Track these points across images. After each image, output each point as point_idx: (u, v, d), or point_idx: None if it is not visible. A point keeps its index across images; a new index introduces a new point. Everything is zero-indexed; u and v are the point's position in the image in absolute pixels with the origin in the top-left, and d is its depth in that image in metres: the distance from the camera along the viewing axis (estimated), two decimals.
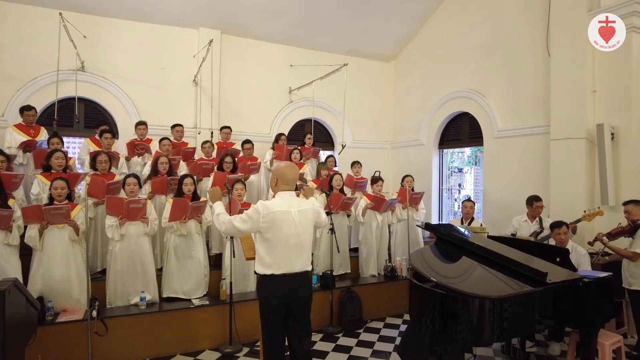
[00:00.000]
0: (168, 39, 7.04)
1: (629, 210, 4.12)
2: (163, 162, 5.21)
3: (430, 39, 8.11)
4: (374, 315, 5.32)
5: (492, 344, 4.03)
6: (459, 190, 8.50)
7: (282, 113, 8.02)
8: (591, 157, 5.23)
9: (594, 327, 3.39)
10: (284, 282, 2.84)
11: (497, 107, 6.67)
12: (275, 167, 3.07)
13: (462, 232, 4.31)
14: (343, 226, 5.71)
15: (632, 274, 4.02)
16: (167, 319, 4.22)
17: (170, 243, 4.68)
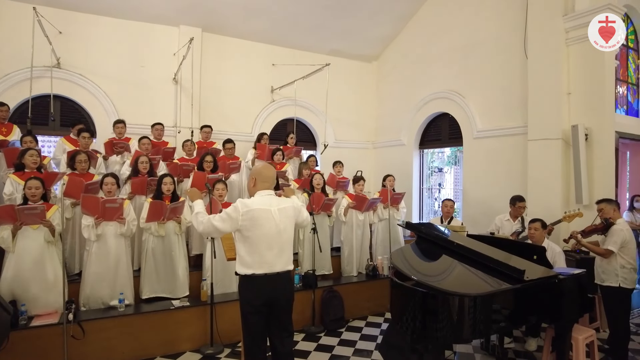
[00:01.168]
0: (148, 36, 6.91)
1: (601, 209, 4.24)
2: (143, 162, 5.12)
3: (411, 40, 8.19)
4: (355, 314, 5.35)
5: (471, 340, 4.10)
6: (439, 189, 8.62)
7: (264, 112, 7.98)
8: (566, 157, 5.37)
9: (569, 323, 3.48)
10: (266, 282, 2.83)
11: (476, 108, 6.78)
12: (253, 169, 3.06)
13: (442, 231, 4.37)
14: (324, 226, 5.72)
15: (604, 271, 4.15)
16: (147, 321, 4.14)
17: (149, 244, 4.61)
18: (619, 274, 4.03)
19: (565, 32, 5.40)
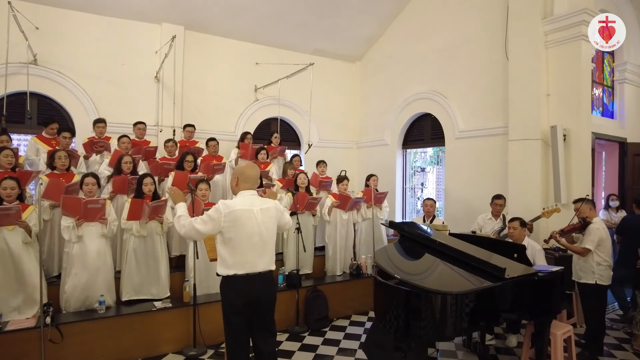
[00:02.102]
0: (129, 33, 6.79)
1: (578, 208, 4.35)
2: (127, 162, 5.04)
3: (394, 40, 8.25)
4: (339, 314, 5.36)
5: (454, 338, 4.16)
6: (421, 189, 8.70)
7: (248, 111, 7.93)
8: (546, 157, 5.48)
9: (548, 319, 3.56)
10: (247, 282, 2.81)
11: (458, 108, 6.87)
12: (236, 167, 3.04)
13: (425, 230, 4.41)
14: (308, 226, 5.72)
15: (581, 268, 4.26)
16: (128, 323, 4.07)
17: (130, 244, 4.53)
18: (595, 271, 4.14)
19: (544, 34, 5.51)
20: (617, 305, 5.78)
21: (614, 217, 6.64)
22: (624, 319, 5.27)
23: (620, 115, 7.36)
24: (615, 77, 7.44)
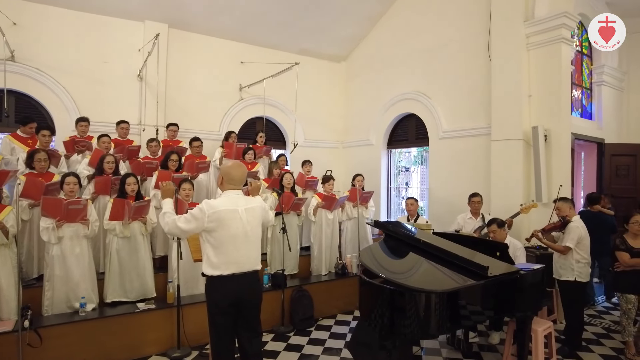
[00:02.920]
0: (111, 31, 6.67)
1: (559, 207, 4.45)
2: (109, 162, 4.94)
3: (379, 41, 8.29)
4: (325, 313, 5.37)
5: (438, 336, 4.20)
6: (406, 188, 8.77)
7: (232, 110, 7.87)
8: (527, 157, 5.58)
9: (529, 316, 3.63)
10: (233, 282, 2.80)
11: (442, 109, 6.95)
12: (222, 166, 3.02)
13: (409, 229, 4.45)
14: (293, 226, 5.71)
15: (561, 266, 4.36)
16: (110, 325, 4.00)
17: (113, 245, 4.45)
18: (574, 269, 4.25)
19: (526, 37, 5.61)
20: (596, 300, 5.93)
21: None
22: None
23: (598, 116, 7.55)
24: (593, 79, 7.63)
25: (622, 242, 4.20)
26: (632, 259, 4.06)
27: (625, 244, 4.17)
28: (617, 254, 4.18)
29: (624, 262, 4.10)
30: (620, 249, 4.17)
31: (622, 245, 4.17)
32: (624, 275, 4.13)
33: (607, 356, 4.26)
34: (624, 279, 4.13)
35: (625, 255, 4.11)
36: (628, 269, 4.09)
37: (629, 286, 4.10)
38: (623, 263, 4.11)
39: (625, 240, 4.19)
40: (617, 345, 4.53)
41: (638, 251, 4.09)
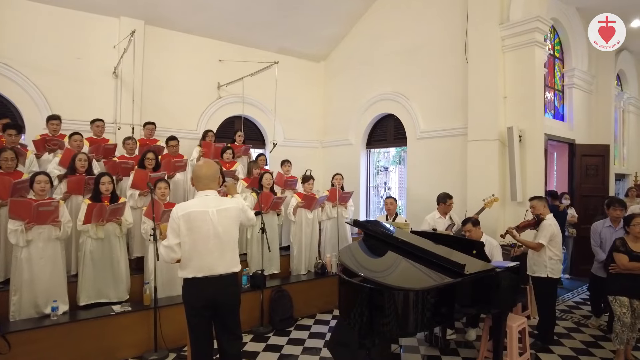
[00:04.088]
0: (85, 26, 6.48)
1: (533, 205, 4.56)
2: (81, 160, 4.79)
3: (358, 41, 8.34)
4: (304, 313, 5.36)
5: (416, 333, 4.26)
6: (385, 188, 8.86)
7: (210, 109, 7.78)
8: (503, 157, 5.71)
9: (505, 312, 3.71)
10: (207, 284, 2.77)
11: (419, 109, 7.04)
12: (194, 168, 3.01)
13: (388, 228, 4.49)
14: (273, 225, 5.68)
15: (535, 263, 4.48)
16: (84, 329, 3.89)
17: (87, 247, 4.32)
18: (547, 265, 4.37)
19: (501, 39, 5.74)
20: (566, 297, 6.12)
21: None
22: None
23: (569, 117, 7.79)
24: (565, 82, 7.86)
25: (622, 243, 4.01)
26: (630, 263, 3.89)
27: (625, 246, 3.97)
28: (616, 255, 4.00)
29: (622, 265, 3.92)
30: (620, 251, 3.98)
31: (622, 247, 3.98)
32: (617, 278, 3.99)
33: (577, 349, 4.41)
34: (617, 282, 3.98)
35: (624, 257, 3.92)
36: (623, 272, 3.93)
37: (622, 289, 3.94)
38: (621, 266, 3.93)
39: (626, 242, 4.00)
40: (587, 338, 4.70)
41: (637, 255, 3.91)
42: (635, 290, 3.90)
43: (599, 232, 4.86)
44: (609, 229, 4.78)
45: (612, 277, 4.06)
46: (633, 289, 3.91)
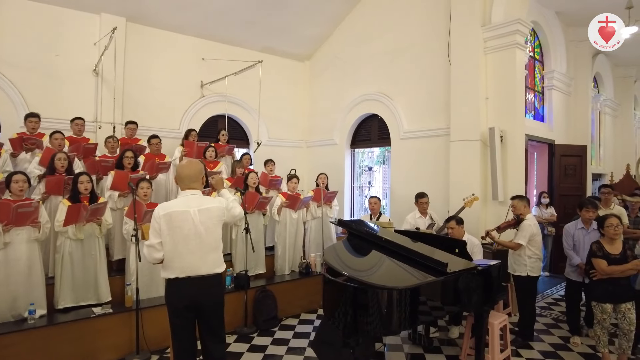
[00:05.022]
0: (63, 22, 6.33)
1: (514, 205, 4.65)
2: (61, 159, 4.67)
3: (342, 41, 8.36)
4: (289, 313, 5.35)
5: (400, 332, 4.28)
6: (369, 187, 8.90)
7: (193, 108, 7.69)
8: (484, 157, 5.80)
9: (486, 310, 3.77)
10: (189, 285, 2.75)
11: (403, 110, 7.10)
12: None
13: (372, 227, 4.52)
14: (259, 225, 5.66)
15: (515, 262, 4.57)
16: (63, 332, 3.81)
17: (65, 248, 4.22)
18: (527, 264, 4.46)
19: (483, 41, 5.82)
20: (546, 294, 6.25)
21: (545, 213, 7.18)
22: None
23: (549, 118, 7.97)
24: (544, 83, 8.03)
25: (599, 248, 3.86)
26: (609, 267, 3.75)
27: (602, 250, 3.83)
28: (594, 261, 3.85)
29: (601, 270, 3.78)
30: (597, 256, 3.84)
31: (599, 252, 3.84)
32: (599, 284, 3.83)
33: (556, 345, 4.52)
34: (600, 288, 3.83)
35: (603, 262, 3.78)
36: (605, 277, 3.78)
37: (606, 295, 3.79)
38: (600, 271, 3.79)
39: (602, 246, 3.86)
40: (565, 334, 4.80)
41: (615, 257, 3.78)
42: (618, 295, 3.77)
43: (572, 235, 4.62)
44: (581, 231, 4.57)
45: (593, 283, 3.90)
46: (615, 294, 3.77)
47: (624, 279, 3.79)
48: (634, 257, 3.82)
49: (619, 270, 3.74)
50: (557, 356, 4.24)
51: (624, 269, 3.74)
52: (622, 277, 3.78)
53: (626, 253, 3.82)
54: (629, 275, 3.83)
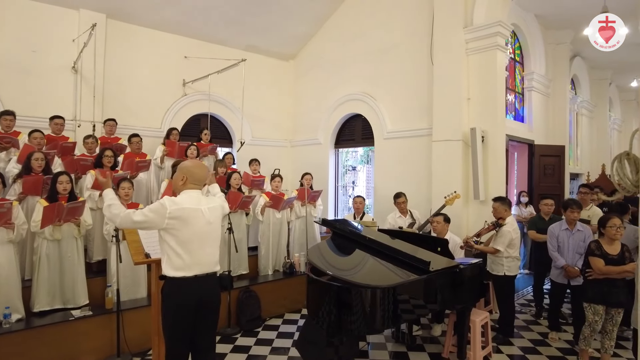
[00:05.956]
0: (40, 17, 6.15)
1: (495, 208, 4.68)
2: (38, 159, 4.52)
3: (327, 41, 8.36)
4: (272, 313, 5.34)
5: (383, 330, 4.32)
6: (353, 187, 8.94)
7: (175, 106, 7.58)
8: (466, 157, 5.87)
9: (468, 307, 3.83)
10: (196, 284, 2.67)
11: (386, 110, 7.14)
12: (183, 165, 2.87)
13: (355, 227, 4.54)
14: (242, 225, 5.62)
15: (493, 262, 4.67)
16: (40, 336, 3.72)
17: (42, 250, 4.10)
18: (504, 264, 4.56)
19: (465, 43, 5.89)
20: (526, 291, 6.38)
21: (524, 211, 7.33)
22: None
23: (529, 119, 8.13)
24: (524, 85, 8.20)
25: (597, 246, 3.77)
26: (605, 267, 3.66)
27: (600, 250, 3.74)
28: (591, 259, 3.77)
29: (597, 270, 3.69)
30: (595, 255, 3.74)
31: (598, 251, 3.74)
32: (594, 284, 3.75)
33: (534, 340, 4.62)
34: (594, 288, 3.75)
35: (600, 262, 3.69)
36: (600, 277, 3.70)
37: (599, 296, 3.71)
38: (597, 270, 3.70)
39: (601, 245, 3.77)
40: (544, 330, 4.91)
41: (613, 258, 3.68)
42: (611, 297, 3.67)
43: (556, 236, 4.53)
44: (566, 232, 4.49)
45: (588, 283, 3.81)
46: (609, 295, 3.68)
47: (620, 281, 3.69)
48: (631, 259, 3.70)
49: (616, 271, 3.64)
50: (536, 352, 4.34)
51: (621, 270, 3.65)
52: (618, 279, 3.68)
53: (624, 255, 3.71)
54: (625, 278, 3.70)
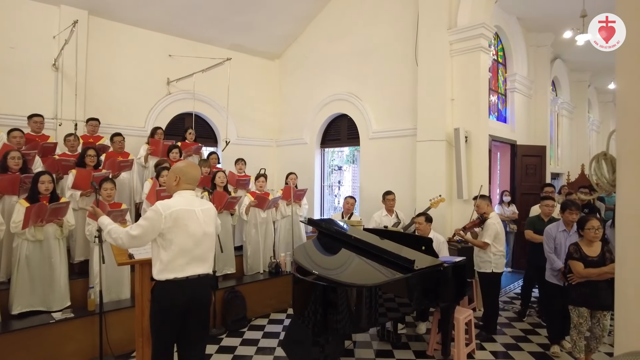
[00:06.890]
0: (19, 13, 6.01)
1: (478, 205, 4.81)
2: (14, 157, 4.42)
3: (312, 41, 8.36)
4: (258, 313, 5.32)
5: (369, 329, 4.35)
6: (338, 186, 8.96)
7: (159, 105, 7.48)
8: (450, 157, 5.95)
9: (452, 305, 3.88)
10: (187, 286, 2.64)
11: (372, 110, 7.18)
12: (176, 166, 2.83)
13: (341, 226, 4.56)
14: (227, 225, 5.59)
15: (481, 259, 4.74)
16: (19, 339, 3.63)
17: (22, 251, 4.01)
18: (492, 261, 4.63)
19: (449, 44, 5.97)
20: (508, 289, 6.48)
21: (507, 210, 7.46)
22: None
23: (511, 120, 8.27)
24: (507, 86, 8.34)
25: (576, 249, 3.72)
26: (585, 270, 3.61)
27: (579, 252, 3.69)
28: (571, 263, 3.73)
29: (577, 273, 3.65)
30: (574, 258, 3.70)
31: (576, 254, 3.70)
32: (577, 287, 3.71)
33: (517, 337, 4.70)
34: (577, 291, 3.70)
35: (579, 265, 3.64)
36: (582, 280, 3.66)
37: (582, 299, 3.68)
38: (576, 274, 3.66)
39: (580, 247, 3.71)
40: (526, 327, 5.01)
41: (592, 260, 3.64)
42: (594, 300, 3.63)
43: (553, 237, 4.34)
44: (563, 233, 4.31)
45: (570, 286, 3.77)
46: (592, 297, 3.63)
47: (603, 283, 3.59)
48: (612, 260, 3.55)
49: (596, 273, 3.58)
50: (518, 348, 4.42)
51: (600, 272, 3.57)
52: (600, 280, 3.60)
53: (605, 255, 3.64)
54: (608, 279, 3.55)
